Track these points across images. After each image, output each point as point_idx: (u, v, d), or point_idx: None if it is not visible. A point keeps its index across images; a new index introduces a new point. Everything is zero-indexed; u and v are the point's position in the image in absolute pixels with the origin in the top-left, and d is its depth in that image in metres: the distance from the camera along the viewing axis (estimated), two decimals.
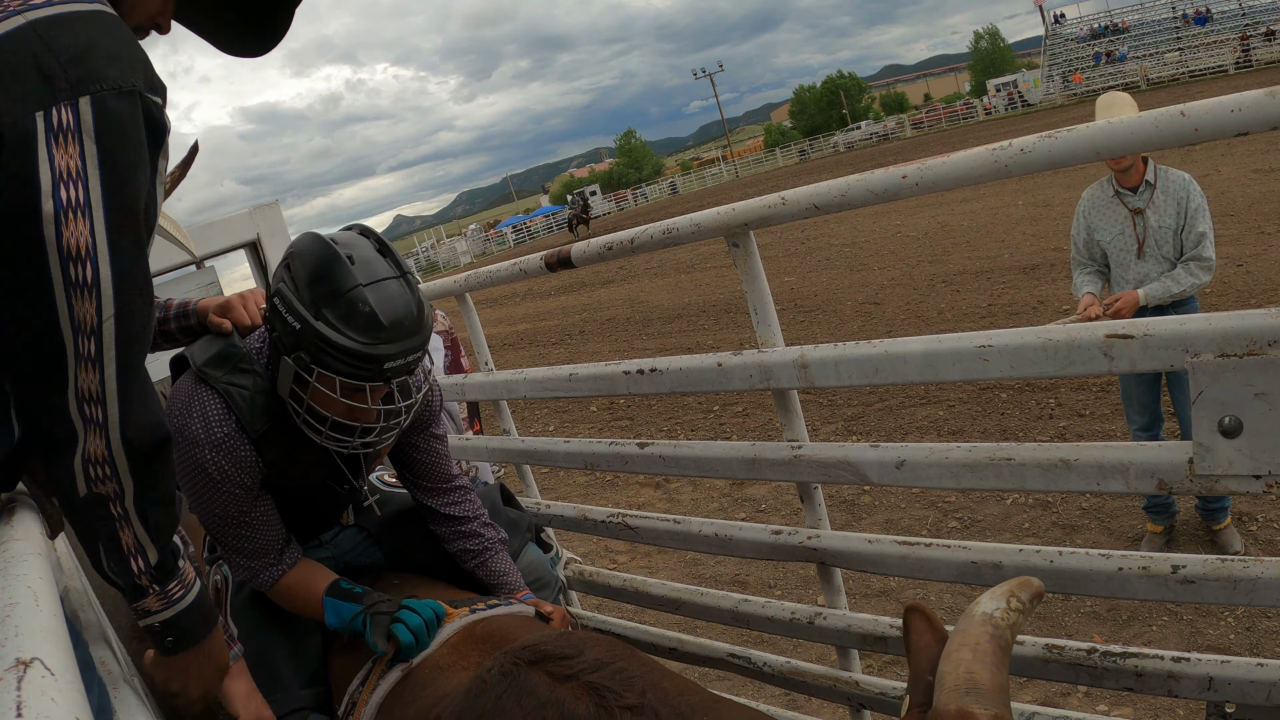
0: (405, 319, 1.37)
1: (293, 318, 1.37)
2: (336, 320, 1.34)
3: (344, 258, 1.36)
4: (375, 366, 1.36)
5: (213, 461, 1.45)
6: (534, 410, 7.96)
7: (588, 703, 1.01)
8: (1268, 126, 1.10)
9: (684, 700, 1.01)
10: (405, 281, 1.41)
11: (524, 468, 2.81)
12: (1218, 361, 1.18)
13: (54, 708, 0.54)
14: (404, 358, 1.38)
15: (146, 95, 0.94)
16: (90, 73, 0.88)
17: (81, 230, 0.87)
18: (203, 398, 1.47)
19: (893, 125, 48.71)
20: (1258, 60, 29.95)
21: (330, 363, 1.36)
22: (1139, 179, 3.15)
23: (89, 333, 0.90)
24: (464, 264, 39.20)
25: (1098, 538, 3.59)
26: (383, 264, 1.40)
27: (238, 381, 1.49)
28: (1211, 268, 3.03)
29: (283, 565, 1.63)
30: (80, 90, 0.87)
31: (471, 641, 1.50)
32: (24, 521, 1.00)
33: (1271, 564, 1.29)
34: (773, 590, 3.70)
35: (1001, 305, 7.32)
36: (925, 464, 1.59)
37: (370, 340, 1.34)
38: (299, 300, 1.37)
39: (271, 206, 3.11)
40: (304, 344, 1.37)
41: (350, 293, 1.34)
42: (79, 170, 0.87)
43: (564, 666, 1.07)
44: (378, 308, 1.34)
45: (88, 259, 0.88)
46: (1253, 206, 8.56)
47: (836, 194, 1.57)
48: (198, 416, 1.45)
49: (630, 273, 16.18)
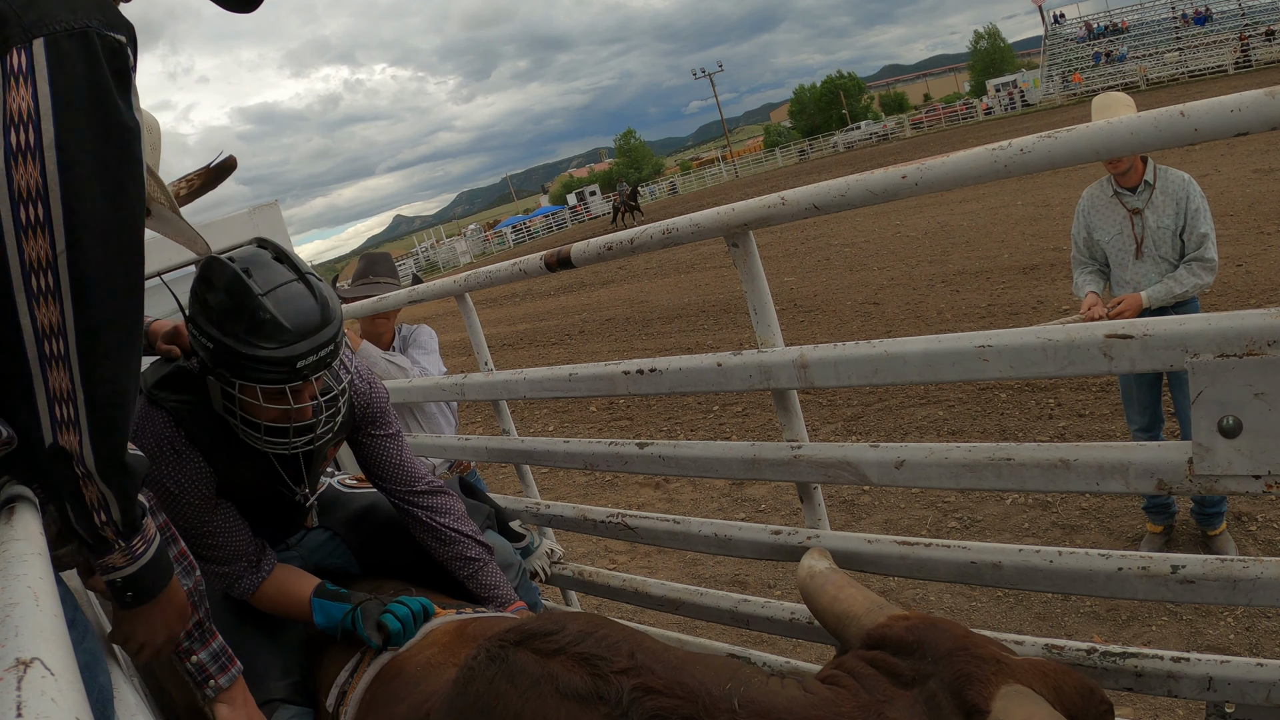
0: (308, 318, 1.45)
1: (206, 339, 1.45)
2: (243, 333, 1.42)
3: (240, 273, 1.44)
4: (288, 368, 1.43)
5: (170, 476, 1.53)
6: (534, 410, 7.96)
7: (581, 673, 1.02)
8: (1268, 126, 1.10)
9: (671, 656, 1.04)
10: (305, 282, 1.48)
11: (524, 468, 2.81)
12: (1217, 361, 1.18)
13: (54, 708, 0.54)
14: (315, 354, 1.45)
15: (105, 33, 0.92)
16: (44, 15, 0.88)
17: (32, 173, 0.87)
18: (153, 417, 1.56)
19: (892, 125, 48.69)
20: (1257, 60, 29.93)
21: (247, 373, 1.44)
22: (1138, 179, 3.14)
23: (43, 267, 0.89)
24: (463, 264, 39.20)
25: (1097, 538, 3.59)
26: (279, 270, 1.47)
27: (185, 399, 1.57)
28: (1214, 268, 3.02)
29: (261, 572, 1.69)
30: (33, 32, 0.87)
31: (463, 640, 1.51)
32: (24, 521, 1.00)
33: (1271, 564, 1.29)
34: (773, 590, 3.70)
35: (1001, 305, 7.32)
36: (925, 464, 1.59)
37: (276, 345, 1.42)
38: (208, 322, 1.45)
39: (271, 207, 3.12)
40: (221, 361, 1.45)
41: (250, 305, 1.42)
42: (30, 112, 0.87)
43: (549, 642, 1.08)
44: (278, 312, 1.42)
45: (38, 199, 0.88)
46: (1253, 206, 8.56)
47: (836, 194, 1.57)
48: (149, 435, 1.53)
49: (630, 273, 16.18)
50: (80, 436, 0.96)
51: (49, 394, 0.93)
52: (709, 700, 0.94)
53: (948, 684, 0.92)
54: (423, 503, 1.87)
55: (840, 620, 1.15)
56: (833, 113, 68.59)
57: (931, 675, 0.93)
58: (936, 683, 0.92)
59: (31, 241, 0.88)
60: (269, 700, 1.63)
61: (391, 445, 1.87)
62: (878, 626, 1.04)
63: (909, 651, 0.97)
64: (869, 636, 1.04)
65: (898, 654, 0.98)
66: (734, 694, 0.95)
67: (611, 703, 0.97)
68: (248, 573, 1.68)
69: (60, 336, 0.91)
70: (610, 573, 2.58)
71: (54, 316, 0.91)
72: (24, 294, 0.89)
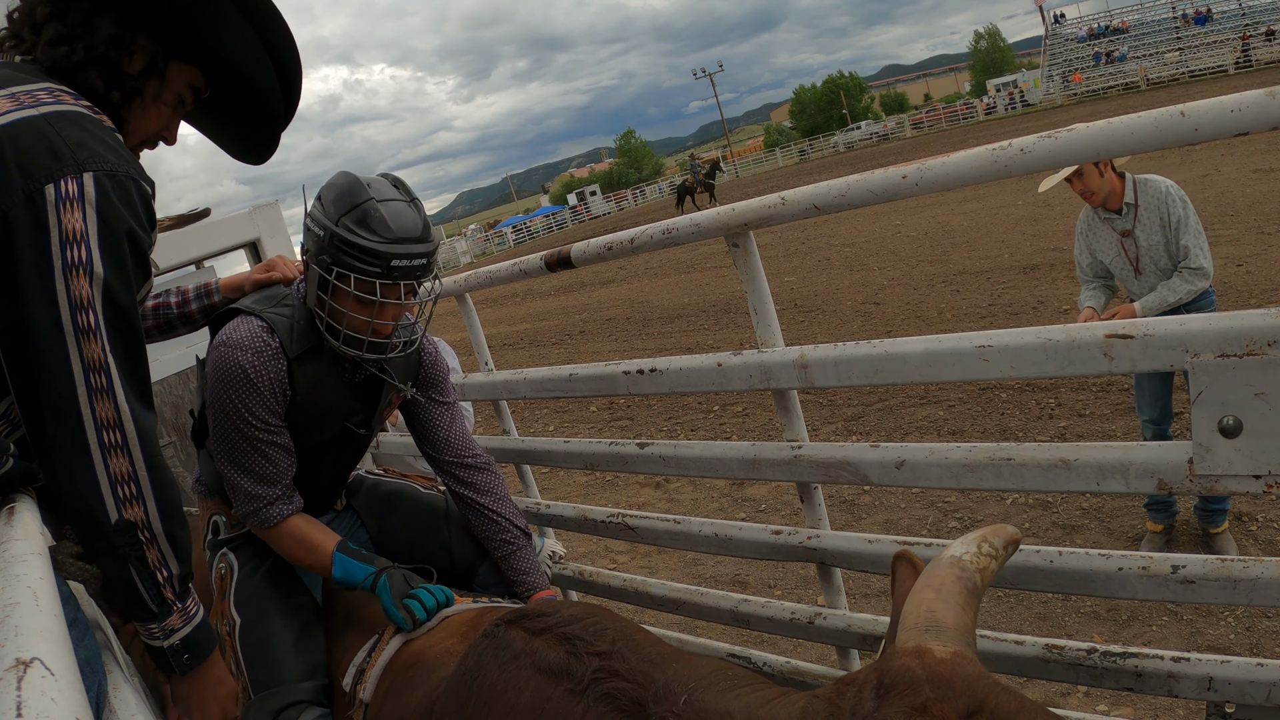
0: (411, 228, 1.59)
1: (318, 228, 1.59)
2: (352, 224, 1.56)
3: (363, 182, 1.60)
4: (384, 263, 1.55)
5: (253, 365, 1.61)
6: (534, 410, 7.96)
7: (559, 651, 1.06)
8: (1268, 126, 1.10)
9: (654, 650, 1.05)
10: (414, 206, 1.63)
11: (524, 468, 2.81)
12: (1218, 361, 1.18)
13: (54, 708, 0.54)
14: (409, 259, 1.57)
15: (140, 180, 1.13)
16: (93, 155, 1.07)
17: (83, 285, 1.04)
18: (250, 323, 1.65)
19: (892, 125, 48.65)
20: (1258, 60, 29.92)
21: (347, 260, 1.56)
22: (1119, 202, 3.13)
23: (97, 368, 1.06)
24: (464, 264, 39.18)
25: (1098, 538, 3.59)
26: (395, 191, 1.62)
27: (280, 311, 1.69)
28: (1205, 274, 3.01)
29: (291, 505, 1.73)
30: (85, 168, 1.05)
31: (478, 630, 1.52)
32: (24, 521, 1.00)
33: (1271, 564, 1.29)
34: (773, 590, 3.70)
35: (1001, 305, 7.32)
36: (925, 464, 1.59)
37: (380, 239, 1.55)
38: (324, 214, 1.59)
39: (271, 206, 3.11)
40: (326, 248, 1.57)
41: (365, 204, 1.57)
42: (82, 233, 1.04)
43: (539, 623, 1.13)
44: (388, 216, 1.56)
45: (89, 307, 1.05)
46: (1253, 206, 8.56)
47: (836, 194, 1.57)
48: (245, 333, 1.63)
49: (630, 273, 16.17)
50: (145, 506, 1.13)
51: (110, 477, 1.10)
52: (664, 692, 0.95)
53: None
54: (466, 477, 1.92)
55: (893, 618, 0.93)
56: (833, 113, 68.59)
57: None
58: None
59: (88, 345, 1.05)
60: (296, 702, 1.62)
61: (445, 414, 1.94)
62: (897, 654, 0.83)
63: None
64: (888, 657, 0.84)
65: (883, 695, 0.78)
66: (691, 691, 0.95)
67: (576, 678, 1.01)
68: (281, 500, 1.71)
69: (117, 428, 1.09)
70: (611, 573, 2.58)
71: (110, 411, 1.08)
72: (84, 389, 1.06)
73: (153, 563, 1.16)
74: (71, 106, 1.11)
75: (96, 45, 1.18)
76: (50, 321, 1.03)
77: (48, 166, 1.03)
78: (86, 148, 1.06)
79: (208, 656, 1.30)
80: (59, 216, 1.02)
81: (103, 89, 1.20)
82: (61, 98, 1.11)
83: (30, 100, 1.07)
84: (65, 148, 1.04)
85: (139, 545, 1.14)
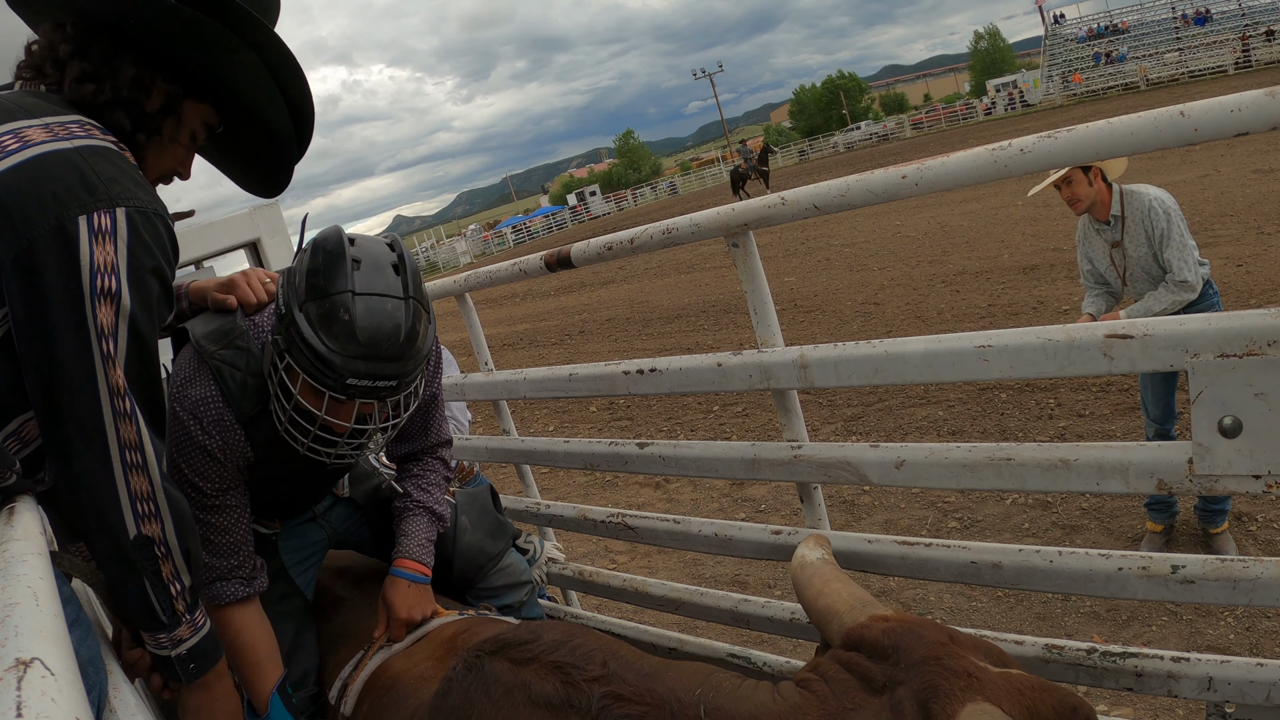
0: (385, 340, 1.30)
1: (282, 302, 1.37)
2: (314, 318, 1.31)
3: (349, 259, 1.32)
4: (336, 378, 1.31)
5: (207, 435, 1.45)
6: (534, 410, 7.96)
7: (554, 681, 1.04)
8: (1268, 126, 1.10)
9: (645, 664, 1.05)
10: (406, 305, 1.34)
11: (524, 468, 2.81)
12: (1217, 361, 1.18)
13: (54, 708, 0.54)
14: (371, 380, 1.32)
15: (166, 218, 1.17)
16: (125, 191, 1.10)
17: (109, 314, 1.08)
18: (200, 386, 1.46)
19: (892, 126, 48.65)
20: (1258, 60, 29.93)
21: (298, 356, 1.33)
22: (1106, 213, 3.14)
23: (121, 394, 1.10)
24: (464, 264, 39.18)
25: (1098, 538, 3.59)
26: (389, 280, 1.34)
27: (231, 360, 1.47)
28: (1191, 286, 3.01)
29: (251, 587, 1.55)
30: (118, 203, 1.09)
31: (453, 652, 1.53)
32: (24, 521, 1.00)
33: (1271, 564, 1.29)
34: (773, 590, 3.70)
35: (1001, 305, 7.32)
36: (925, 464, 1.59)
37: (338, 350, 1.29)
38: (292, 287, 1.36)
39: (271, 207, 3.12)
40: (281, 328, 1.37)
41: (335, 297, 1.30)
42: (113, 265, 1.07)
43: (523, 651, 1.10)
44: (358, 320, 1.29)
45: (113, 335, 1.09)
46: (1253, 206, 8.56)
47: (836, 194, 1.57)
48: (195, 398, 1.45)
49: (630, 273, 16.18)
50: (162, 523, 1.17)
51: (131, 494, 1.13)
52: (677, 706, 0.95)
53: (915, 694, 0.88)
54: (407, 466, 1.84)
55: (824, 615, 1.10)
56: (833, 113, 68.59)
57: (902, 683, 0.90)
58: (905, 690, 0.89)
59: (112, 371, 1.09)
60: None
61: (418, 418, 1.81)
62: (857, 626, 1.00)
63: (884, 655, 0.94)
64: (848, 636, 1.00)
65: (872, 657, 0.95)
66: (702, 700, 0.96)
67: (582, 710, 0.99)
68: (239, 578, 1.53)
69: (139, 450, 1.13)
70: (610, 573, 2.58)
71: (132, 434, 1.12)
72: (110, 410, 1.10)
73: (167, 576, 1.20)
74: (101, 141, 1.14)
75: (120, 86, 1.21)
76: (80, 342, 1.06)
77: (82, 199, 1.06)
78: (119, 183, 1.10)
79: (213, 666, 1.32)
80: (91, 247, 1.05)
81: (130, 129, 1.23)
82: (92, 132, 1.14)
83: (64, 133, 1.11)
84: (99, 182, 1.08)
85: (155, 560, 1.17)
